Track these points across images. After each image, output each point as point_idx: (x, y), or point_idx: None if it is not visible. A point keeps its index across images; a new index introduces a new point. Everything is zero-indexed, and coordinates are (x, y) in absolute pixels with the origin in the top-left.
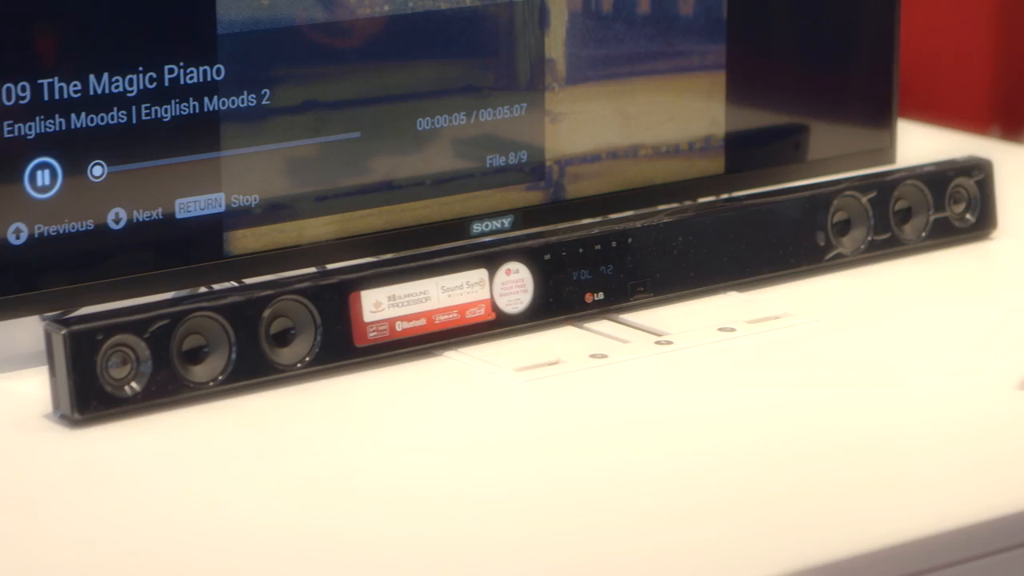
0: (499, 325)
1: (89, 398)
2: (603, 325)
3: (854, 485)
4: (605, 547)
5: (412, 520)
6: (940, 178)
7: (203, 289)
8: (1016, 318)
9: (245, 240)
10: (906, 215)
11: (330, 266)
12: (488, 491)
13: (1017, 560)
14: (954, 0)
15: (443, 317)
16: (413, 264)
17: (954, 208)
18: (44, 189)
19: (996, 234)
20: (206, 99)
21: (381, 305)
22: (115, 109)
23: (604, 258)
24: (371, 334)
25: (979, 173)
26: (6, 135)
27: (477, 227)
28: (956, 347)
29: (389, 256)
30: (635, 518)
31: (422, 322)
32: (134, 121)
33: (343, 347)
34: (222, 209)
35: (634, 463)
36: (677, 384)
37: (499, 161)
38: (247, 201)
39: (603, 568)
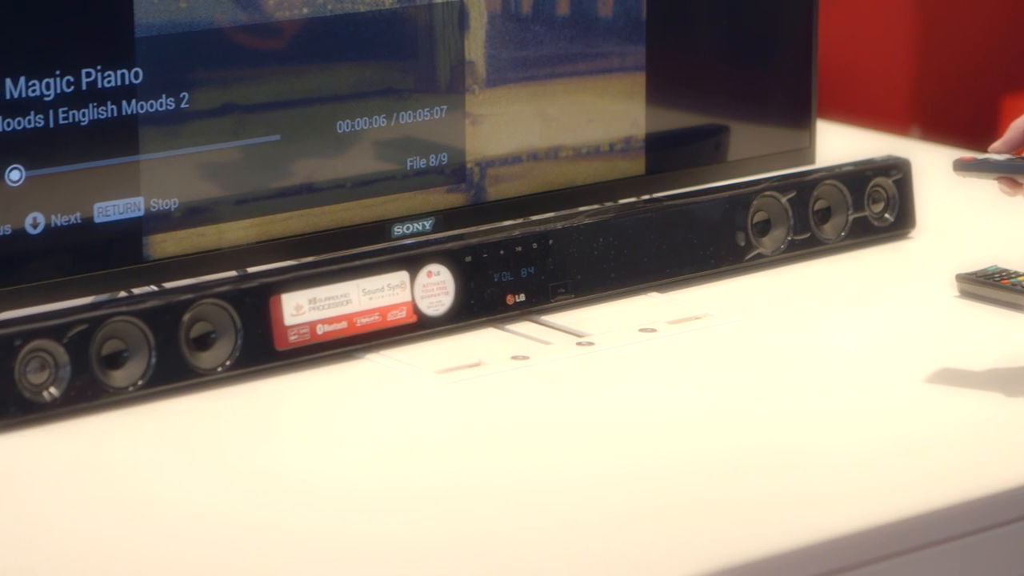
0: (420, 327)
1: (7, 404)
2: (524, 326)
3: (773, 484)
4: (524, 547)
5: (335, 520)
6: (859, 178)
7: (122, 293)
8: (933, 316)
9: (165, 244)
10: (825, 215)
11: (250, 269)
12: (409, 493)
13: (937, 556)
14: (874, 2)
15: (364, 320)
16: (334, 267)
17: (873, 207)
18: None
19: (915, 233)
20: (124, 103)
21: (302, 308)
22: (32, 113)
23: (525, 260)
24: (292, 337)
25: (897, 173)
26: None
27: (398, 229)
28: (874, 346)
29: (310, 259)
30: (554, 518)
31: (343, 325)
32: (52, 125)
33: (264, 351)
34: (141, 213)
35: (554, 464)
36: (598, 385)
37: (420, 163)
38: (166, 205)
39: (522, 567)
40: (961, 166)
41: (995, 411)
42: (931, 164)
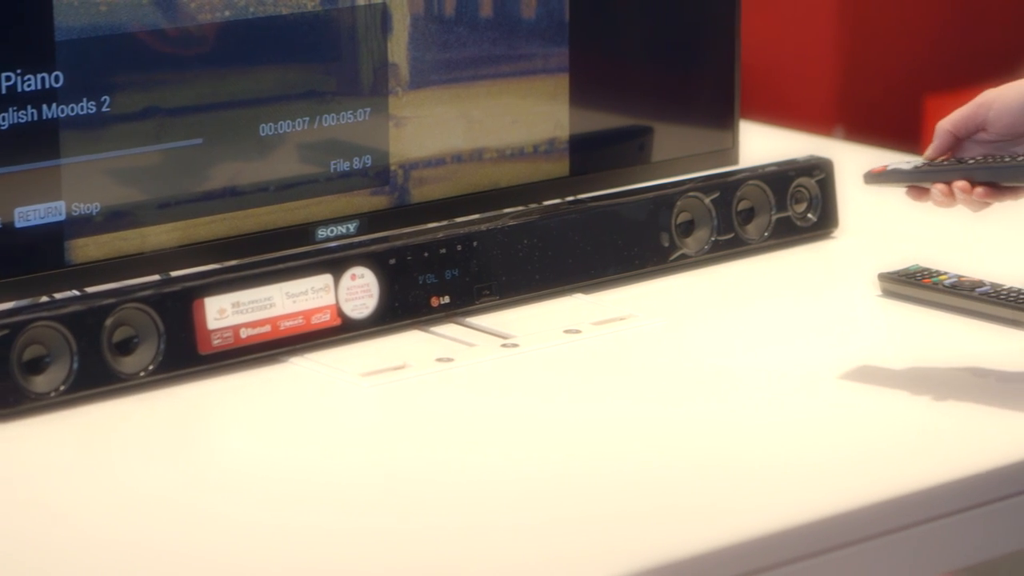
0: (345, 330)
1: None
2: (449, 329)
3: (694, 485)
4: (445, 548)
5: (260, 525)
6: (782, 178)
7: (44, 298)
8: (856, 316)
9: (87, 248)
10: (749, 215)
11: (173, 274)
12: (333, 495)
13: (854, 555)
14: (797, 4)
15: (288, 323)
16: (257, 270)
17: (796, 207)
18: None
19: (837, 233)
20: (45, 107)
21: (225, 312)
22: None
23: (449, 262)
24: (215, 341)
25: (820, 173)
26: None
27: (322, 232)
28: (797, 345)
29: (233, 263)
30: (477, 520)
31: (267, 328)
32: None
33: (187, 355)
34: (63, 217)
35: (478, 466)
36: (522, 387)
37: (343, 166)
38: (88, 209)
39: (442, 567)
40: (871, 178)
41: (916, 410)
42: (854, 164)
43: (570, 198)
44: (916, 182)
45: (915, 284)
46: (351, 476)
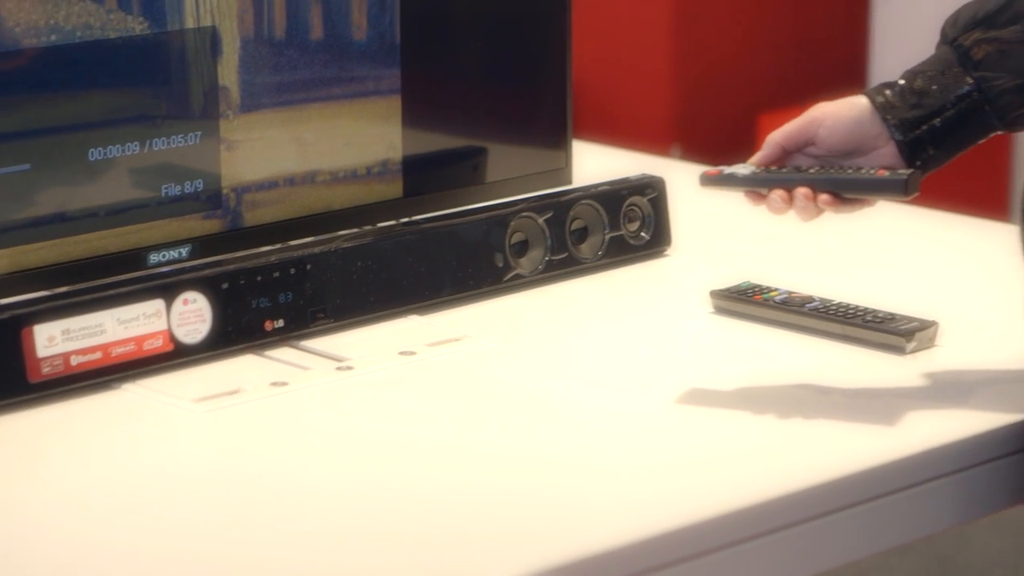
0: (178, 356)
1: None
2: (284, 352)
3: (527, 504)
4: (280, 571)
5: (94, 552)
6: (614, 197)
7: None
8: (688, 333)
9: None
10: (583, 234)
11: (1, 301)
12: (168, 524)
13: (686, 573)
14: (633, 25)
15: (120, 349)
16: (88, 297)
17: (629, 226)
18: None
19: (670, 251)
20: None
21: (55, 339)
22: None
23: (283, 285)
24: (45, 369)
25: (652, 191)
26: None
27: (154, 257)
28: (630, 363)
29: (63, 289)
30: (311, 543)
31: (98, 355)
32: None
33: (16, 383)
34: None
35: (312, 488)
36: (356, 410)
37: (175, 190)
38: None
39: None
40: (707, 180)
41: (749, 425)
42: (687, 182)
43: (404, 219)
44: (755, 187)
45: (746, 300)
46: (185, 502)
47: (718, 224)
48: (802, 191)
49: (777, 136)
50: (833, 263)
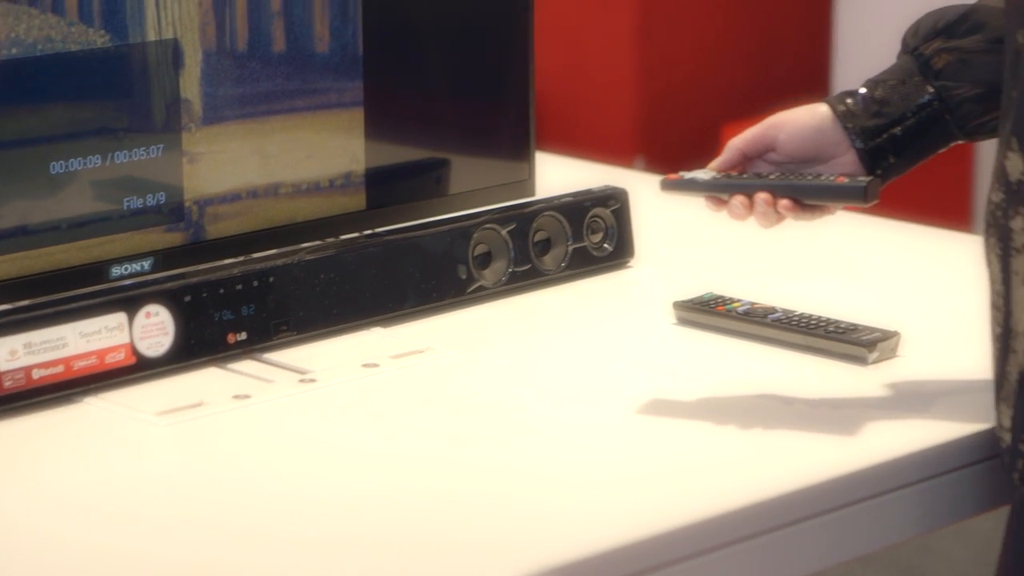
0: (140, 369)
1: None
2: (247, 365)
3: (490, 518)
4: None
5: (52, 566)
6: (577, 208)
7: None
8: (651, 344)
9: None
10: (546, 246)
11: None
12: (131, 537)
13: None
14: (596, 37)
15: (82, 363)
16: (49, 310)
17: (592, 238)
18: None
19: (634, 262)
20: None
21: (17, 353)
22: None
23: (246, 298)
24: (6, 383)
25: (615, 203)
26: None
27: (116, 270)
28: (593, 375)
29: (25, 303)
30: (274, 556)
31: (60, 369)
32: None
33: None
34: None
35: (275, 501)
36: (319, 422)
37: (137, 203)
38: None
39: None
40: (668, 185)
41: (712, 436)
42: (650, 194)
43: (367, 232)
44: (716, 192)
45: (709, 311)
46: (148, 516)
47: (681, 235)
48: (762, 196)
49: (737, 141)
50: (796, 273)
